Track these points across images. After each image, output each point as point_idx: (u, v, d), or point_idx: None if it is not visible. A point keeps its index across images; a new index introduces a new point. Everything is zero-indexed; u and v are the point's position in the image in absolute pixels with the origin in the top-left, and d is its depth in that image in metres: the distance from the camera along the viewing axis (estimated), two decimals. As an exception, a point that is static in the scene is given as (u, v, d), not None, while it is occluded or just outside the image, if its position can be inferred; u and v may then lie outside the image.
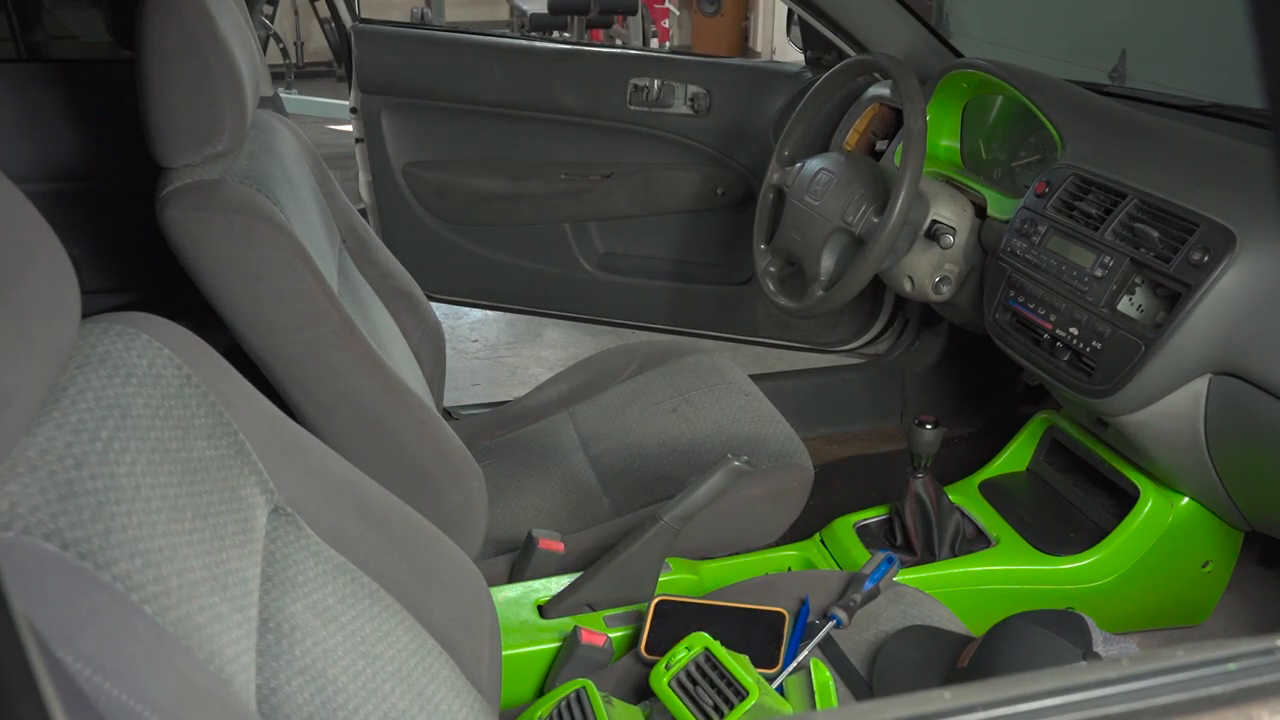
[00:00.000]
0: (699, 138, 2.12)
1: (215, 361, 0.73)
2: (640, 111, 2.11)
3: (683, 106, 2.10)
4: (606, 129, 2.14)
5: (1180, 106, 1.66)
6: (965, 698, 0.39)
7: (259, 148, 1.21)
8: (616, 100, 2.10)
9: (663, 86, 2.09)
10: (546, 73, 2.12)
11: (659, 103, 2.10)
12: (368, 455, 1.14)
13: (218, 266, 1.07)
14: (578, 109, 2.12)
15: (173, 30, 1.05)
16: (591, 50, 2.21)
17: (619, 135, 2.14)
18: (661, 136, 2.13)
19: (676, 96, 2.10)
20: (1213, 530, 1.55)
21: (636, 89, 2.10)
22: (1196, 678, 0.40)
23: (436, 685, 0.82)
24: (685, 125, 2.12)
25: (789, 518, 1.55)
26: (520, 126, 2.15)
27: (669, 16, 6.22)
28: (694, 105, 2.09)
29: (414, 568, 0.87)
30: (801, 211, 1.65)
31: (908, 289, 1.64)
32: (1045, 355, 1.43)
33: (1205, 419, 1.29)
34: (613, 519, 1.47)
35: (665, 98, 2.10)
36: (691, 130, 2.12)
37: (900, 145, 1.63)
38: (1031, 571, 1.55)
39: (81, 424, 0.58)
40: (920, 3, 4.28)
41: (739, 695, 0.95)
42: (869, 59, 1.72)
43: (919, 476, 1.52)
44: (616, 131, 2.14)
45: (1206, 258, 1.20)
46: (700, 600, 1.20)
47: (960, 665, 1.08)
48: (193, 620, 0.57)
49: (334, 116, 5.34)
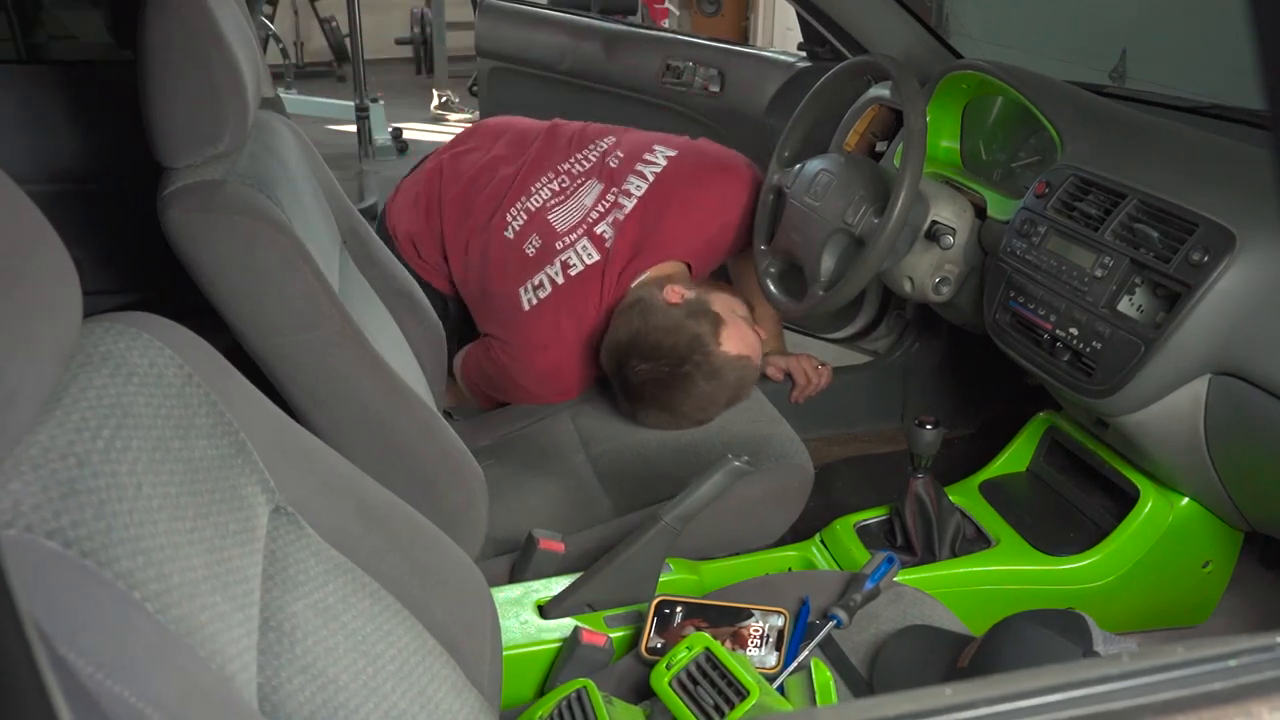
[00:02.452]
0: (714, 118, 2.28)
1: (217, 361, 0.73)
2: (671, 89, 2.36)
3: (702, 86, 2.32)
4: (644, 103, 2.40)
5: (1180, 107, 1.66)
6: (966, 694, 0.39)
7: (260, 148, 1.21)
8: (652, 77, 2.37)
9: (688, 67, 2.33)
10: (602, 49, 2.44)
11: (683, 82, 2.34)
12: (368, 455, 1.14)
13: (219, 267, 1.07)
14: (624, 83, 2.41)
15: (174, 30, 1.05)
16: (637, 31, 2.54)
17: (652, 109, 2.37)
18: (686, 114, 2.33)
19: (699, 77, 2.32)
20: (1213, 530, 1.55)
21: (669, 68, 2.35)
22: (1197, 674, 0.40)
23: (437, 685, 0.83)
24: (703, 104, 2.33)
25: (789, 518, 1.55)
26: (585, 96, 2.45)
27: (669, 16, 6.22)
28: (708, 87, 2.31)
29: (415, 567, 0.87)
30: (802, 212, 1.66)
31: (908, 290, 1.64)
32: (1045, 355, 1.43)
33: (1205, 419, 1.29)
34: (613, 519, 1.47)
35: (689, 77, 2.33)
36: (707, 109, 2.31)
37: (900, 146, 1.63)
38: (1031, 572, 1.55)
39: (84, 423, 0.58)
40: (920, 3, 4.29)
41: (739, 695, 0.95)
42: (869, 60, 1.72)
43: (919, 477, 1.52)
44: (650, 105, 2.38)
45: (1206, 258, 1.20)
46: (700, 600, 1.20)
47: (960, 665, 1.08)
48: (194, 618, 0.58)
49: (334, 116, 5.35)
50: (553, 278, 1.69)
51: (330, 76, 6.91)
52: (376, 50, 6.22)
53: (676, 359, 1.54)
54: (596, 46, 2.47)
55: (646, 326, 1.57)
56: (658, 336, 1.56)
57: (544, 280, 1.69)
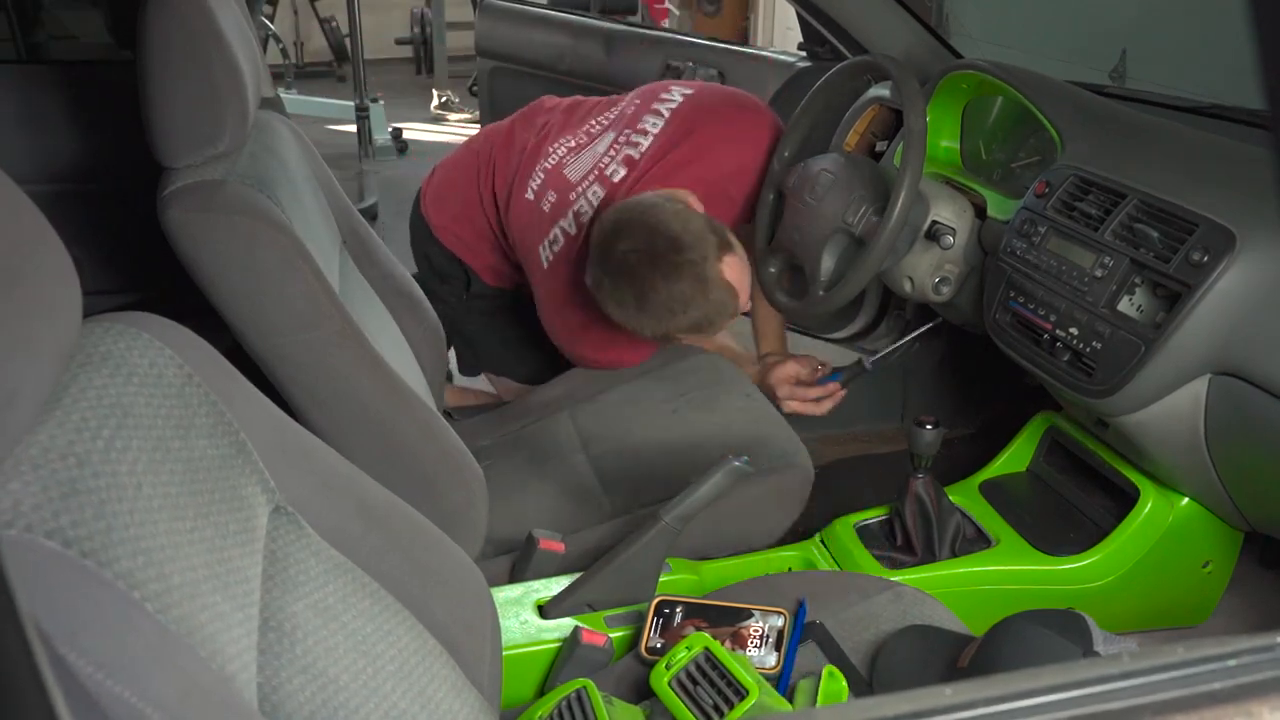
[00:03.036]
0: None
1: (217, 361, 0.73)
2: None
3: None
4: None
5: (1180, 107, 1.66)
6: (966, 694, 0.39)
7: (260, 148, 1.21)
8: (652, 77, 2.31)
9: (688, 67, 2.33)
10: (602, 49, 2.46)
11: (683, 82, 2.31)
12: (368, 455, 1.14)
13: (219, 267, 1.07)
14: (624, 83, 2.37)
15: (174, 30, 1.05)
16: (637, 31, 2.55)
17: None
18: None
19: (699, 77, 2.32)
20: (1213, 530, 1.55)
21: (669, 68, 2.35)
22: (1197, 674, 0.40)
23: (437, 685, 0.83)
24: None
25: (789, 518, 1.55)
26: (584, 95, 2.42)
27: (669, 16, 6.22)
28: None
29: (415, 568, 0.87)
30: (802, 212, 1.65)
31: (908, 290, 1.64)
32: (1045, 356, 1.43)
33: (1205, 419, 1.29)
34: (613, 519, 1.47)
35: (689, 77, 2.32)
36: None
37: (900, 146, 1.63)
38: (1031, 572, 1.55)
39: (84, 423, 0.58)
40: (920, 3, 4.29)
41: (739, 695, 0.95)
42: (869, 60, 1.72)
43: (919, 477, 1.52)
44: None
45: (1206, 258, 1.20)
46: (700, 600, 1.20)
47: (960, 665, 1.08)
48: (194, 618, 0.58)
49: (334, 116, 5.35)
50: (566, 230, 1.67)
51: (330, 76, 6.91)
52: (376, 50, 6.22)
53: (675, 246, 1.46)
54: (596, 46, 2.47)
55: (655, 211, 1.48)
56: (665, 218, 1.47)
57: (558, 234, 1.68)
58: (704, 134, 1.69)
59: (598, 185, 1.69)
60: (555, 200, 1.70)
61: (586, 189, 1.69)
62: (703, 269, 1.47)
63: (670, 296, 1.47)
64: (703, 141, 1.69)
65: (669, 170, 1.65)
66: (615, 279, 1.49)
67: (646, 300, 1.48)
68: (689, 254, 1.46)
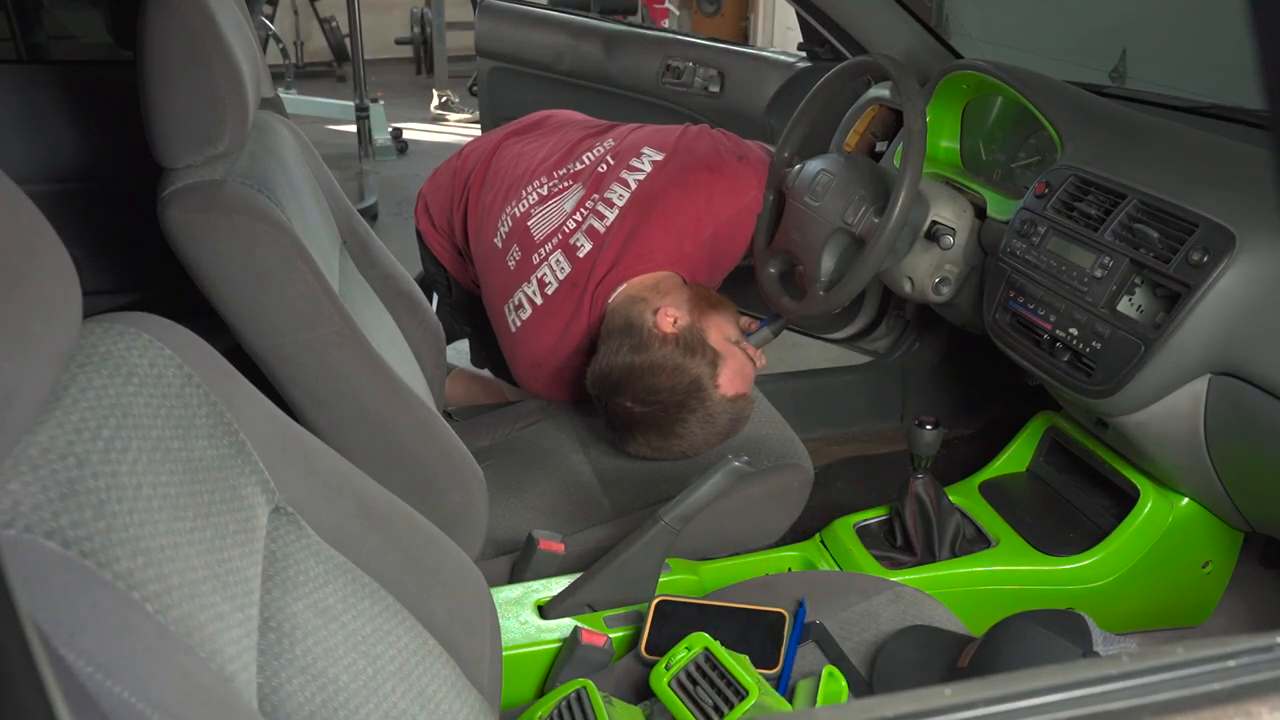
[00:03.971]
0: (714, 118, 2.26)
1: (216, 362, 0.73)
2: (670, 89, 2.37)
3: (702, 87, 2.34)
4: (643, 103, 2.41)
5: (1180, 107, 1.66)
6: (966, 694, 0.39)
7: (260, 148, 1.21)
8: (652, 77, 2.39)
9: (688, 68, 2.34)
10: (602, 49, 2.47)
11: (683, 82, 2.35)
12: (368, 455, 1.14)
13: (219, 267, 1.07)
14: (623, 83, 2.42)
15: (174, 30, 1.05)
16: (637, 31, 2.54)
17: (652, 109, 2.38)
18: (686, 114, 2.33)
19: (698, 77, 2.33)
20: (1213, 530, 1.55)
21: (669, 68, 2.37)
22: (1196, 674, 0.40)
23: (437, 685, 0.83)
24: (703, 104, 2.33)
25: (789, 518, 1.55)
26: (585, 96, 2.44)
27: (669, 16, 6.22)
28: (708, 87, 2.32)
29: (415, 568, 0.87)
30: (802, 212, 1.65)
31: (908, 290, 1.64)
32: (1045, 356, 1.43)
33: (1205, 419, 1.29)
34: (613, 519, 1.47)
35: (689, 78, 2.34)
36: (707, 110, 2.31)
37: (900, 146, 1.63)
38: (1031, 572, 1.56)
39: (83, 423, 0.58)
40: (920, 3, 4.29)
41: (739, 695, 0.95)
42: (869, 60, 1.72)
43: (919, 477, 1.52)
44: (650, 105, 2.39)
45: (1206, 258, 1.20)
46: (700, 600, 1.20)
47: (960, 665, 1.08)
48: (194, 619, 0.58)
49: (334, 116, 5.35)
50: (530, 297, 1.65)
51: (330, 76, 6.92)
52: (376, 50, 6.23)
53: (673, 403, 1.48)
54: (596, 46, 2.47)
55: (639, 364, 1.48)
56: (653, 378, 1.48)
57: (523, 300, 1.66)
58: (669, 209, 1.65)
59: (562, 255, 1.64)
60: (520, 259, 1.67)
61: (550, 254, 1.65)
62: (705, 409, 1.50)
63: (687, 443, 1.52)
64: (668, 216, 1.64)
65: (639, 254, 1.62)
66: (630, 440, 1.53)
67: (667, 450, 1.53)
68: (688, 400, 1.49)
